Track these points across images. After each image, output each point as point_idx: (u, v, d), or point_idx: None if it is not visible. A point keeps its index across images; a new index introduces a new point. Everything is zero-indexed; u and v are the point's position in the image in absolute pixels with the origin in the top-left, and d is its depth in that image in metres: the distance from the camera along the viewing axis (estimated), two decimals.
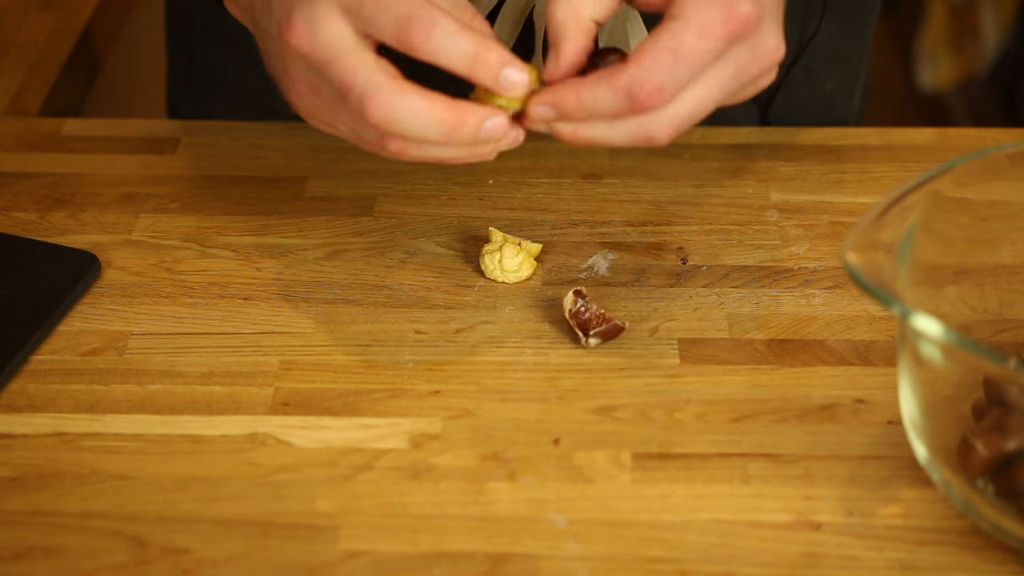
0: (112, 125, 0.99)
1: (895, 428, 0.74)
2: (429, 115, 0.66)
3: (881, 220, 0.68)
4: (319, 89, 0.68)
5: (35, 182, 0.92)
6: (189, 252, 0.87)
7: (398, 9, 0.66)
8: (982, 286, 0.75)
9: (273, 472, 0.72)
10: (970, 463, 0.67)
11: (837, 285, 0.84)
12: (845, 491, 0.71)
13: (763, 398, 0.76)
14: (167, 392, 0.77)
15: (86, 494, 0.71)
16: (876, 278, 0.65)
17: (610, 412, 0.75)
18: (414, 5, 0.66)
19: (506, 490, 0.71)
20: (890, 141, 0.97)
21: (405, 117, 0.66)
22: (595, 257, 0.86)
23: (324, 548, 0.68)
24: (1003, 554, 0.68)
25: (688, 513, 0.70)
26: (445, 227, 0.88)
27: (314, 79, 0.68)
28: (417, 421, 0.75)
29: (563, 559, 0.67)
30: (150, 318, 0.82)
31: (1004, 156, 0.72)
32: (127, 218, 0.89)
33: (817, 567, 0.67)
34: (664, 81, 0.66)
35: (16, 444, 0.74)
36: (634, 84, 0.66)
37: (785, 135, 0.96)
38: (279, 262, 0.86)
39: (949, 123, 2.23)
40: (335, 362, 0.79)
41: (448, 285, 0.84)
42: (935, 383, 0.68)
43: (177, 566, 0.67)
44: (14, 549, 0.68)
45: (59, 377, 0.78)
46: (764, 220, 0.89)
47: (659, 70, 0.66)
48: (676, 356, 0.79)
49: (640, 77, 0.66)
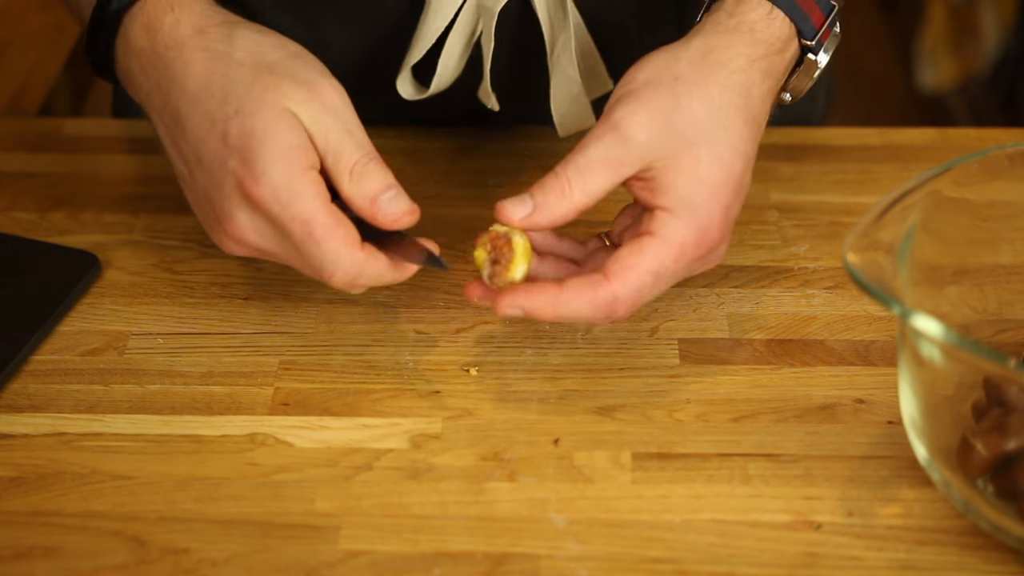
0: (112, 125, 0.99)
1: (895, 428, 0.74)
2: (384, 272, 0.72)
3: (881, 220, 0.68)
4: (264, 235, 0.71)
5: (35, 182, 0.92)
6: (189, 252, 0.87)
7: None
8: (982, 286, 0.75)
9: (273, 472, 0.72)
10: (970, 463, 0.67)
11: (837, 285, 0.84)
12: (845, 491, 0.71)
13: (763, 398, 0.76)
14: (167, 392, 0.77)
15: (86, 494, 0.71)
16: (876, 278, 0.65)
17: (610, 412, 0.75)
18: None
19: (506, 490, 0.71)
20: (890, 141, 0.97)
21: (365, 274, 0.71)
22: None
23: (324, 548, 0.68)
24: (1003, 554, 0.68)
25: (688, 513, 0.70)
26: (445, 227, 0.88)
27: (261, 251, 0.72)
28: (417, 421, 0.75)
29: (563, 559, 0.67)
30: (150, 318, 0.82)
31: (1004, 156, 0.72)
32: (127, 218, 0.89)
33: (817, 567, 0.67)
34: (640, 300, 0.71)
35: (16, 444, 0.74)
36: (615, 301, 0.71)
37: (785, 135, 0.96)
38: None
39: (949, 123, 2.23)
40: (335, 362, 0.79)
41: (448, 285, 0.84)
42: (935, 383, 0.68)
43: (177, 566, 0.67)
44: (14, 549, 0.68)
45: (59, 377, 0.77)
46: (764, 220, 0.89)
47: (636, 289, 0.71)
48: (676, 356, 0.79)
49: (621, 295, 0.71)
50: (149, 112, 0.74)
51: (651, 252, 0.71)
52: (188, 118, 0.71)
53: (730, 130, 0.72)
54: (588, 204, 0.71)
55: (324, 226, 0.69)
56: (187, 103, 0.71)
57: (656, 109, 0.71)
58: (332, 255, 0.70)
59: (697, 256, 0.72)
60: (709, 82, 0.72)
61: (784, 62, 0.75)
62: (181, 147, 0.72)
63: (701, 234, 0.71)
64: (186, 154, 0.72)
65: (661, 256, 0.71)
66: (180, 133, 0.72)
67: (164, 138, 0.74)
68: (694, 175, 0.71)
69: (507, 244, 0.71)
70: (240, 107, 0.70)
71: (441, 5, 0.84)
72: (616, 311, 0.71)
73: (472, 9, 0.84)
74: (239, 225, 0.71)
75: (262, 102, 0.70)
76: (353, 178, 0.70)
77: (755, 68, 0.73)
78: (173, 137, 0.73)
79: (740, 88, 0.72)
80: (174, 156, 0.74)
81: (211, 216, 0.72)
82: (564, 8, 0.85)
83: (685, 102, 0.71)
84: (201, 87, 0.71)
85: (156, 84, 0.72)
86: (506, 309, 0.71)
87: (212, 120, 0.70)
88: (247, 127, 0.69)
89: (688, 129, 0.71)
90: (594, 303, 0.71)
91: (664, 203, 0.71)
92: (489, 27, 0.84)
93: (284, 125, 0.69)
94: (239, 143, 0.69)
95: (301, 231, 0.69)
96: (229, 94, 0.70)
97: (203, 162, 0.71)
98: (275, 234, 0.71)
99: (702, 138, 0.71)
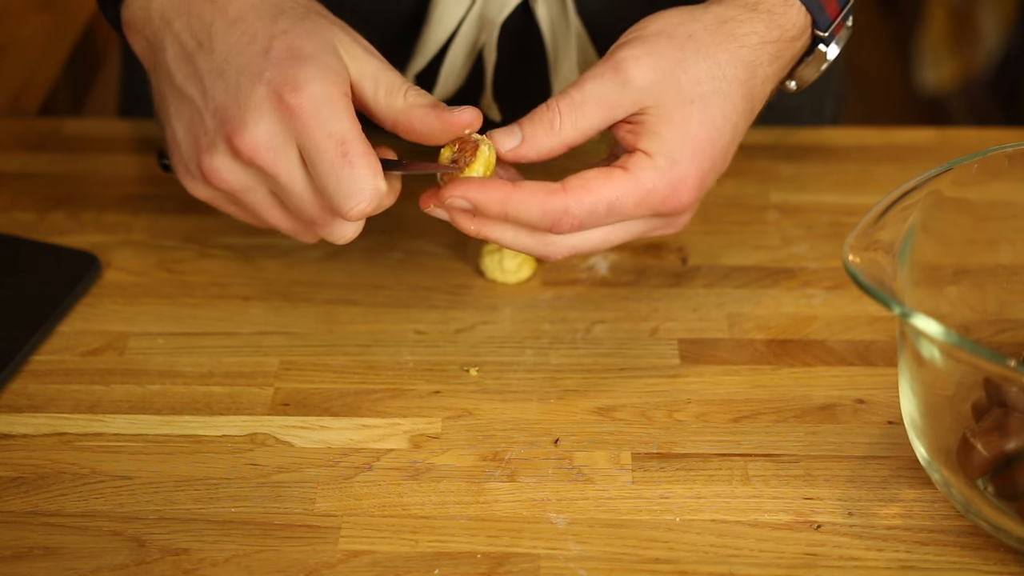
0: (112, 125, 0.99)
1: (895, 428, 0.74)
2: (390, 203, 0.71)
3: (881, 220, 0.68)
4: (275, 153, 0.69)
5: (35, 182, 0.92)
6: (189, 252, 0.87)
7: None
8: (982, 286, 0.75)
9: (273, 472, 0.72)
10: (970, 463, 0.67)
11: (837, 285, 0.84)
12: (845, 491, 0.71)
13: (763, 398, 0.76)
14: (167, 392, 0.77)
15: (86, 494, 0.71)
16: (876, 278, 0.65)
17: (610, 412, 0.75)
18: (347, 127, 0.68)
19: (506, 490, 0.71)
20: (890, 141, 0.97)
21: (383, 206, 0.70)
22: (595, 257, 0.86)
23: (324, 548, 0.68)
24: (1003, 554, 0.68)
25: (688, 513, 0.70)
26: (445, 227, 0.88)
27: (249, 183, 0.70)
28: (417, 421, 0.75)
29: (563, 559, 0.67)
30: (150, 318, 0.82)
31: (1004, 156, 0.72)
32: (127, 218, 0.89)
33: (817, 567, 0.67)
34: (587, 222, 0.70)
35: (16, 444, 0.74)
36: (564, 214, 0.69)
37: (785, 135, 0.96)
38: (279, 262, 0.86)
39: (949, 123, 2.23)
40: (335, 362, 0.79)
41: (448, 285, 0.84)
42: (935, 383, 0.68)
43: (177, 566, 0.67)
44: (14, 549, 0.68)
45: (59, 377, 0.77)
46: (764, 220, 0.89)
47: (589, 211, 0.70)
48: (676, 356, 0.79)
49: (573, 210, 0.69)
50: (163, 39, 0.72)
51: (617, 183, 0.70)
52: (221, 36, 0.70)
53: (728, 99, 0.72)
54: (577, 141, 0.71)
55: (361, 150, 0.68)
56: (224, 22, 0.70)
57: (662, 57, 0.70)
58: (363, 181, 0.68)
59: (659, 211, 0.71)
60: (719, 49, 0.71)
61: (793, 50, 0.75)
62: (198, 65, 0.70)
63: (671, 190, 0.70)
64: (203, 71, 0.70)
65: (625, 191, 0.70)
66: (204, 52, 0.70)
67: (172, 63, 0.71)
68: (683, 130, 0.70)
69: (473, 150, 0.70)
70: (289, 29, 0.69)
71: (443, 16, 0.84)
72: (562, 225, 0.70)
73: (475, 20, 0.84)
74: (251, 137, 0.68)
75: (312, 31, 0.69)
76: (408, 96, 0.70)
77: (765, 49, 0.73)
78: (191, 57, 0.71)
79: (747, 63, 0.72)
80: (182, 78, 0.71)
81: (207, 135, 0.70)
82: (566, 18, 0.85)
83: (692, 60, 0.71)
84: (248, 8, 0.70)
85: (187, 8, 0.71)
86: (452, 198, 0.70)
87: (253, 36, 0.69)
88: (295, 46, 0.69)
89: (688, 86, 0.70)
90: (544, 208, 0.69)
91: (646, 147, 0.70)
92: (491, 38, 0.84)
93: (331, 53, 0.69)
94: (283, 56, 0.68)
95: (336, 150, 0.67)
96: (279, 18, 0.70)
97: (226, 76, 0.69)
98: (287, 155, 0.69)
99: (699, 98, 0.71)
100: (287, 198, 0.70)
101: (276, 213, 0.72)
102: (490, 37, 0.84)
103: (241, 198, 0.71)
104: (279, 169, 0.69)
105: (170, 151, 0.73)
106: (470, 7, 0.84)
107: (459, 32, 0.85)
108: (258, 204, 0.71)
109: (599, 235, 0.72)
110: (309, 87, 0.67)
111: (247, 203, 0.72)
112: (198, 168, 0.70)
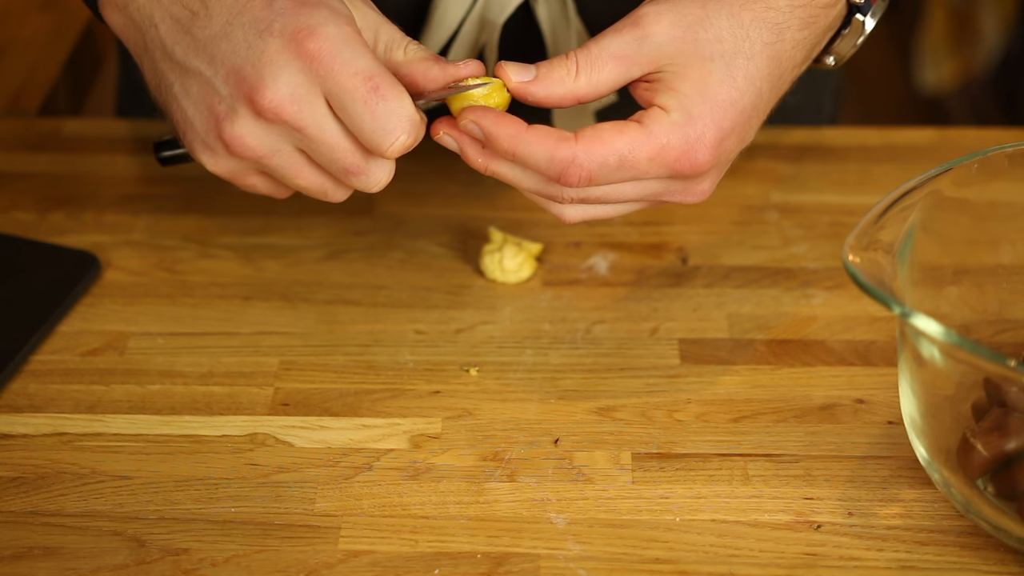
0: (112, 125, 0.99)
1: (895, 428, 0.74)
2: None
3: (881, 220, 0.68)
4: (300, 104, 0.66)
5: (35, 182, 0.92)
6: (189, 252, 0.87)
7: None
8: (982, 286, 0.75)
9: (273, 472, 0.72)
10: (970, 463, 0.67)
11: (837, 285, 0.84)
12: (845, 491, 0.71)
13: (763, 398, 0.76)
14: (167, 392, 0.77)
15: (86, 494, 0.71)
16: (876, 278, 0.65)
17: (610, 412, 0.75)
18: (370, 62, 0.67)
19: (506, 490, 0.71)
20: (890, 141, 0.97)
21: (420, 135, 0.68)
22: (595, 257, 0.86)
23: (324, 548, 0.68)
24: (1003, 554, 0.68)
25: (688, 513, 0.70)
26: (445, 227, 0.88)
27: (275, 144, 0.68)
28: (417, 421, 0.75)
29: (563, 559, 0.67)
30: (150, 318, 0.82)
31: (1004, 156, 0.72)
32: (127, 218, 0.89)
33: (817, 567, 0.67)
34: (596, 175, 0.68)
35: (16, 444, 0.74)
36: (572, 163, 0.67)
37: (785, 135, 0.96)
38: (279, 262, 0.86)
39: (949, 123, 2.23)
40: (335, 362, 0.79)
41: (448, 285, 0.84)
42: (935, 383, 0.68)
43: (177, 566, 0.67)
44: (14, 549, 0.68)
45: (59, 377, 0.77)
46: (764, 220, 0.89)
47: (599, 163, 0.67)
48: (676, 356, 0.79)
49: (581, 159, 0.67)
50: (152, 15, 0.69)
51: (630, 136, 0.68)
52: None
53: (751, 60, 0.69)
54: (589, 96, 0.69)
55: (391, 81, 0.66)
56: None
57: (683, 15, 0.69)
58: (400, 112, 0.66)
59: (675, 171, 0.69)
60: (744, 8, 0.69)
61: (828, 18, 0.72)
62: (197, 34, 0.68)
63: (687, 146, 0.68)
64: (205, 39, 0.67)
65: (638, 145, 0.68)
66: (201, 20, 0.68)
67: (168, 38, 0.69)
68: (700, 87, 0.68)
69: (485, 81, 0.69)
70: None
71: (444, 16, 0.84)
72: (569, 176, 0.68)
73: (476, 21, 0.84)
74: (273, 93, 0.65)
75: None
76: (409, 49, 0.69)
77: (795, 13, 0.71)
78: (187, 28, 0.68)
79: (774, 25, 0.70)
80: (182, 52, 0.68)
81: (223, 102, 0.67)
82: (567, 19, 0.85)
83: (714, 17, 0.69)
84: None
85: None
86: (467, 122, 0.69)
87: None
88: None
89: (709, 45, 0.69)
90: (553, 155, 0.67)
91: (663, 102, 0.68)
92: (492, 39, 0.84)
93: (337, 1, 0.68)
94: (289, 4, 0.66)
95: (366, 86, 0.66)
96: None
97: (232, 37, 0.67)
98: (313, 103, 0.66)
99: (720, 56, 0.69)
100: (317, 151, 0.68)
101: (305, 171, 0.69)
102: (491, 38, 0.84)
103: (267, 163, 0.68)
104: (307, 121, 0.66)
105: (181, 132, 0.70)
106: (471, 8, 0.84)
107: (460, 33, 0.85)
108: (285, 166, 0.69)
109: (611, 192, 0.70)
110: (324, 29, 0.65)
111: (274, 167, 0.69)
112: (218, 139, 0.68)
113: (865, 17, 0.74)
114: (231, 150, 0.68)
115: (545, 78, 0.69)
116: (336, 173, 0.69)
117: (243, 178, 0.70)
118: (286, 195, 0.72)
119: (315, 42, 0.65)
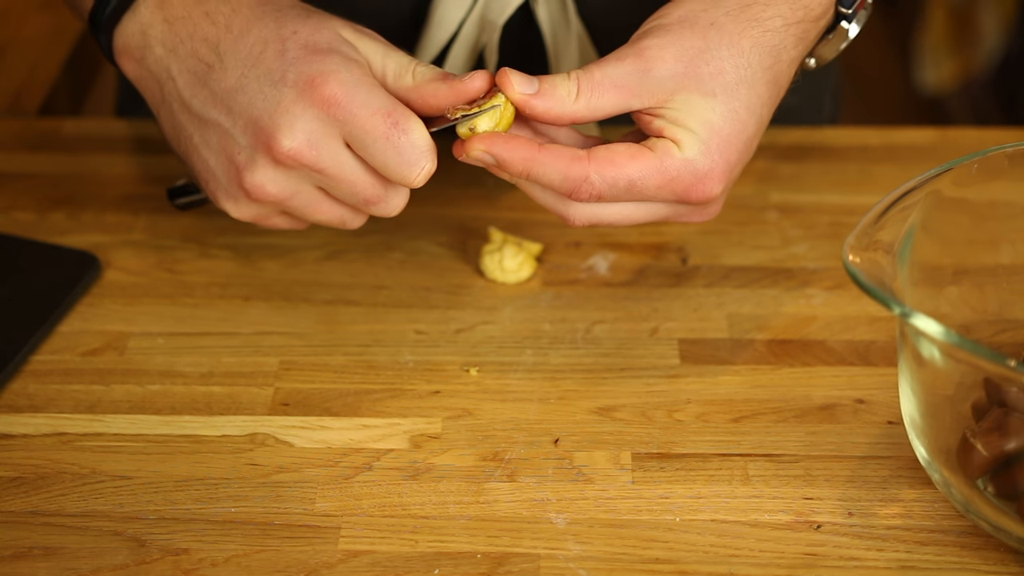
0: (112, 125, 0.99)
1: (895, 428, 0.74)
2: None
3: (881, 220, 0.68)
4: (320, 147, 0.69)
5: (35, 182, 0.92)
6: (189, 252, 0.87)
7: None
8: (982, 286, 0.75)
9: (273, 472, 0.72)
10: (970, 463, 0.67)
11: (837, 285, 0.84)
12: (845, 491, 0.71)
13: (763, 398, 0.76)
14: (167, 392, 0.77)
15: (86, 494, 0.71)
16: (876, 278, 0.65)
17: (610, 412, 0.75)
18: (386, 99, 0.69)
19: (506, 490, 0.71)
20: (890, 141, 0.97)
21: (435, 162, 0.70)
22: (595, 257, 0.86)
23: (324, 548, 0.68)
24: (1003, 554, 0.68)
25: (688, 513, 0.70)
26: (445, 227, 0.88)
27: (295, 186, 0.70)
28: (417, 421, 0.75)
29: (563, 559, 0.67)
30: (150, 318, 0.82)
31: (1004, 156, 0.72)
32: (127, 218, 0.89)
33: (817, 567, 0.67)
34: (606, 194, 0.70)
35: (16, 444, 0.74)
36: (584, 183, 0.69)
37: (785, 135, 0.96)
38: (279, 262, 0.86)
39: (949, 123, 2.23)
40: (335, 362, 0.79)
41: (448, 285, 0.84)
42: (935, 383, 0.68)
43: (177, 566, 0.67)
44: (14, 549, 0.68)
45: (59, 377, 0.78)
46: (764, 220, 0.89)
47: (609, 184, 0.70)
48: (676, 356, 0.79)
49: (594, 181, 0.69)
50: (168, 68, 0.72)
51: (643, 163, 0.70)
52: (231, 52, 0.70)
53: (752, 89, 0.71)
54: (586, 120, 0.70)
55: (408, 114, 0.69)
56: (231, 39, 0.70)
57: (685, 48, 0.70)
58: (421, 144, 0.69)
59: (684, 199, 0.71)
60: (743, 36, 0.71)
61: (817, 29, 0.74)
62: (214, 87, 0.70)
63: (695, 180, 0.70)
64: (221, 91, 0.70)
65: (648, 173, 0.70)
66: (216, 73, 0.70)
67: (185, 91, 0.71)
68: (707, 124, 0.70)
69: (493, 98, 0.70)
70: (299, 29, 0.70)
71: (444, 17, 0.84)
72: (580, 193, 0.70)
73: (475, 22, 0.84)
74: (290, 142, 0.68)
75: (320, 26, 0.70)
76: (417, 73, 0.70)
77: (790, 32, 0.72)
78: (204, 81, 0.71)
79: (771, 49, 0.72)
80: (200, 104, 0.71)
81: (242, 152, 0.70)
82: (567, 20, 0.85)
83: (715, 49, 0.70)
84: (251, 20, 0.70)
85: (189, 34, 0.71)
86: (476, 151, 0.70)
87: (264, 43, 0.70)
88: (309, 42, 0.69)
89: (711, 79, 0.70)
90: (566, 175, 0.69)
91: (672, 135, 0.70)
92: (493, 40, 0.84)
93: (344, 43, 0.70)
94: (301, 54, 0.69)
95: (386, 123, 0.68)
96: (284, 22, 0.70)
97: (247, 89, 0.69)
98: (330, 146, 0.69)
99: (722, 91, 0.70)
100: (337, 188, 0.71)
101: (324, 206, 0.72)
102: (491, 38, 0.84)
103: (288, 204, 0.72)
104: (326, 162, 0.69)
105: (203, 181, 0.73)
106: (471, 8, 0.84)
107: (460, 33, 0.85)
108: (305, 205, 0.72)
109: (620, 211, 0.72)
110: (339, 75, 0.68)
111: (294, 207, 0.72)
112: (240, 188, 0.71)
113: (850, 24, 0.75)
114: (252, 197, 0.71)
115: (547, 95, 0.70)
116: (357, 205, 0.72)
117: (266, 220, 0.74)
118: (305, 227, 0.76)
119: (330, 88, 0.68)
